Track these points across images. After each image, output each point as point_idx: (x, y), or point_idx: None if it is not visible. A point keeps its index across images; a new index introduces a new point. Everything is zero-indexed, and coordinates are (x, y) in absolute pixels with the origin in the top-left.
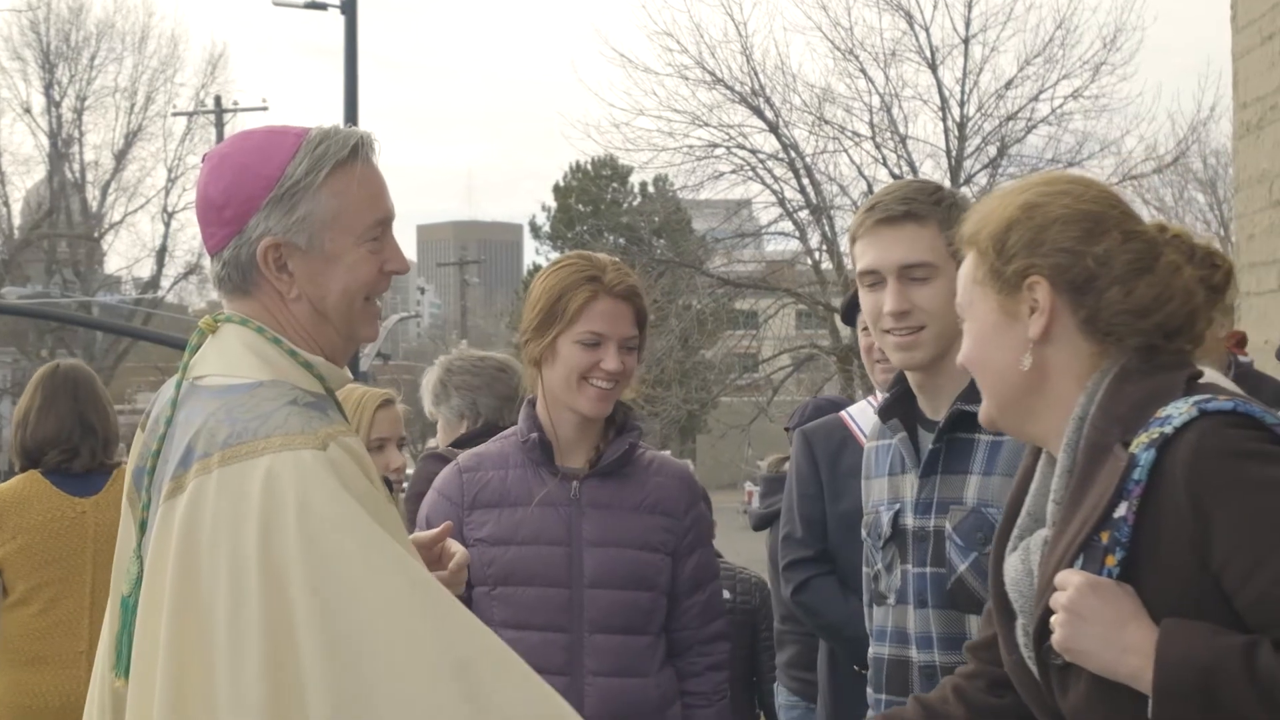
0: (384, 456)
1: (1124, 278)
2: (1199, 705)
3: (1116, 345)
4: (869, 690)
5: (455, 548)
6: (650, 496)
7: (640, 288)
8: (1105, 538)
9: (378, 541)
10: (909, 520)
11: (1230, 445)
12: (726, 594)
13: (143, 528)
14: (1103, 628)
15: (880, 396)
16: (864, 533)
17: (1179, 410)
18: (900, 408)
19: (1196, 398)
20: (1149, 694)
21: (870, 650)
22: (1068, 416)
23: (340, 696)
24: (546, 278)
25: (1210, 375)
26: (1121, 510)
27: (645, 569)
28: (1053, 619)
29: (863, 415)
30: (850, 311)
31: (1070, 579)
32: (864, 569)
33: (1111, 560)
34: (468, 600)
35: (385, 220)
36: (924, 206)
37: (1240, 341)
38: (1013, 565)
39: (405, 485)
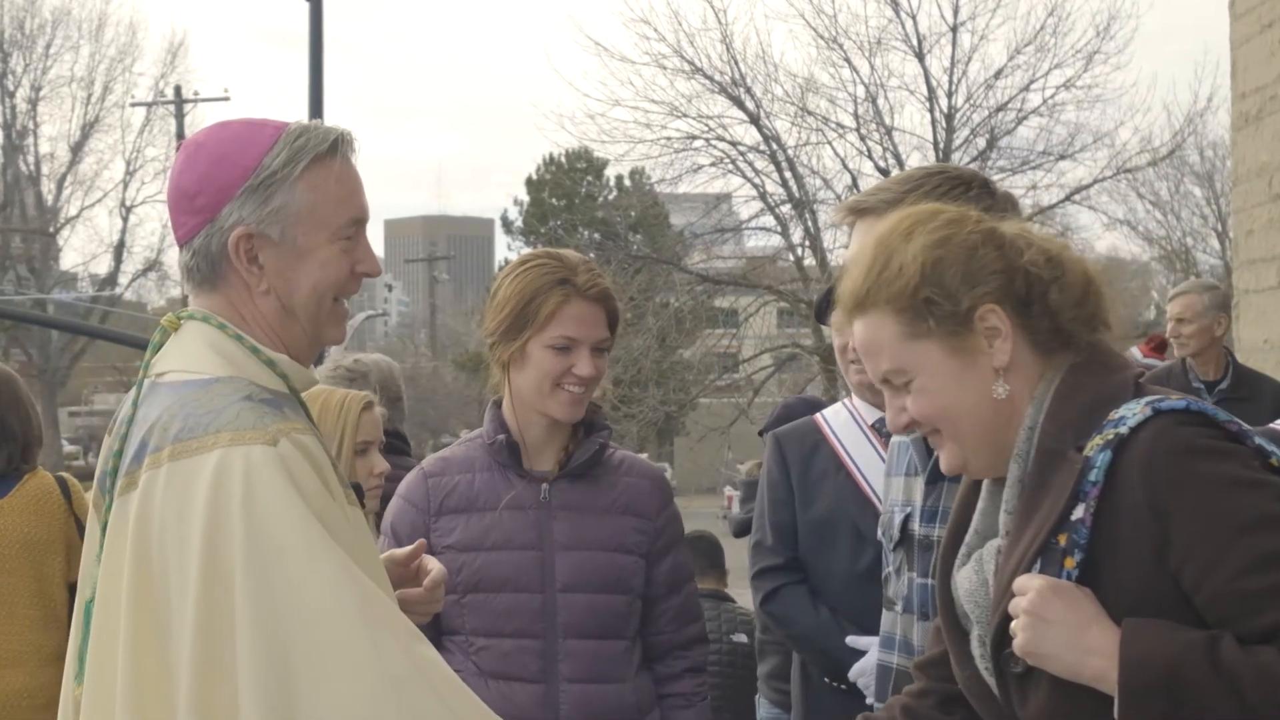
0: (368, 461)
1: (1052, 277)
2: (1165, 702)
3: (1060, 353)
4: (874, 701)
5: (431, 564)
6: (621, 498)
7: (612, 289)
8: (1063, 540)
9: (318, 546)
10: (916, 527)
11: (1186, 443)
12: (744, 638)
13: (105, 531)
14: (1066, 630)
15: (855, 398)
16: (879, 531)
17: (1132, 411)
18: None
19: (1149, 398)
20: (1114, 694)
21: (878, 656)
22: None
23: (270, 706)
24: (515, 278)
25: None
26: (1079, 512)
27: (619, 572)
28: (1014, 624)
29: (837, 418)
30: (824, 309)
31: (1030, 583)
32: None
33: (1070, 562)
34: None
35: (360, 220)
36: (886, 199)
37: (1159, 345)
38: (966, 576)
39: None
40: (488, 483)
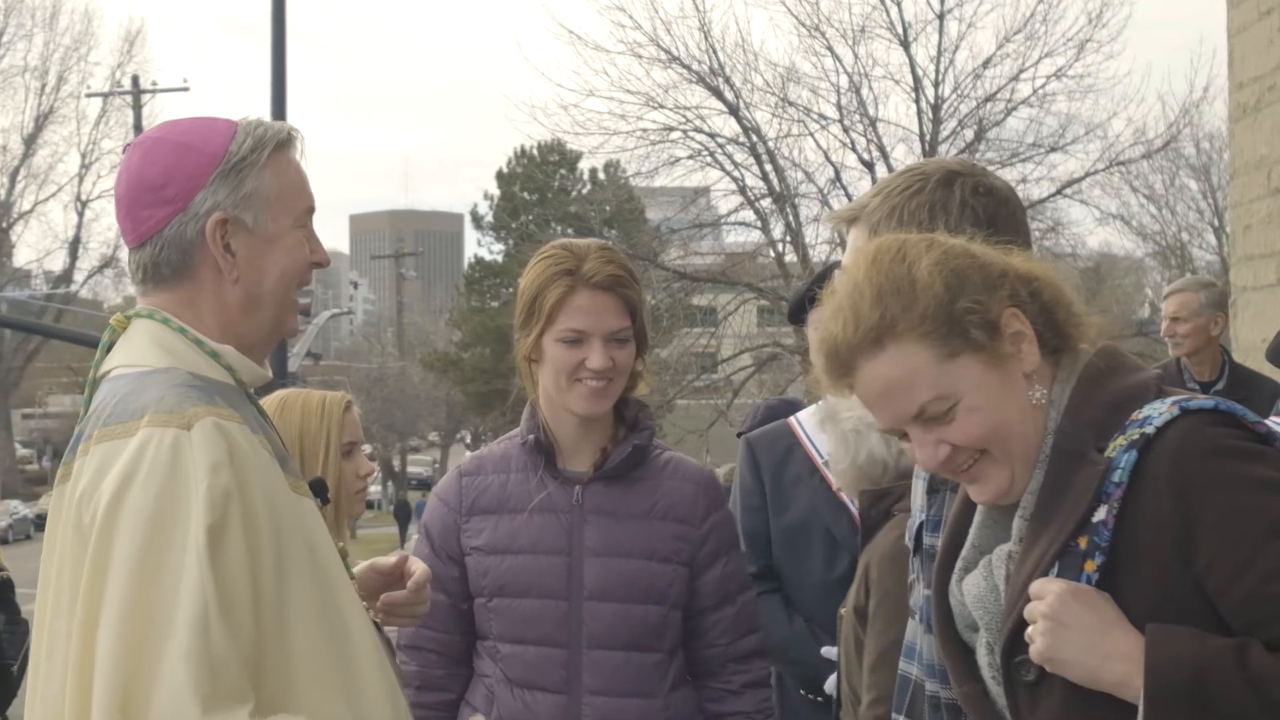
0: (354, 462)
1: (1032, 275)
2: (1191, 708)
3: (1064, 353)
4: (892, 711)
5: (415, 566)
6: (662, 502)
7: (627, 274)
8: (1083, 543)
9: (191, 540)
10: (925, 536)
11: (1214, 443)
12: None
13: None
14: (1086, 634)
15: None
16: (907, 535)
17: (1158, 410)
18: None
19: (1175, 397)
20: (1137, 701)
21: (900, 666)
22: None
23: (110, 681)
24: (528, 272)
25: None
26: (1101, 514)
27: (653, 580)
28: (1030, 629)
29: (810, 421)
30: (798, 310)
31: (1049, 586)
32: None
33: (1090, 566)
34: (469, 612)
35: (313, 209)
36: (873, 203)
37: None
38: (974, 583)
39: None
40: (520, 484)
